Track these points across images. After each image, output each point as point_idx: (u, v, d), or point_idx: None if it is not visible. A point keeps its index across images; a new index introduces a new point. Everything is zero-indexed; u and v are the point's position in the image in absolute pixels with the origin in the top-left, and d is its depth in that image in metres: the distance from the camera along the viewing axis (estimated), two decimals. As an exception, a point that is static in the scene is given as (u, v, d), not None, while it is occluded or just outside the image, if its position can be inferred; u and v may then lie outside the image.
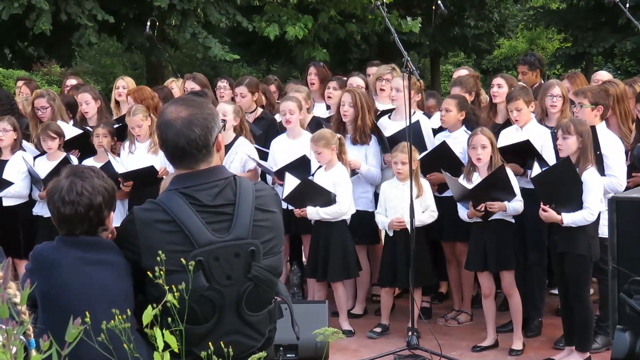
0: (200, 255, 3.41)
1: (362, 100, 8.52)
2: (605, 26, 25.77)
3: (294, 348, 4.80)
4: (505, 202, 7.46)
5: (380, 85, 9.31)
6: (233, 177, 3.63)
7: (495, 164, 7.58)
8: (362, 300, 8.90)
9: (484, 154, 7.55)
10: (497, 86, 8.62)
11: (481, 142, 7.55)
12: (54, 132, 8.84)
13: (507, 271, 7.67)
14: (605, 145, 7.38)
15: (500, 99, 8.57)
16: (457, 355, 7.54)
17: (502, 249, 7.57)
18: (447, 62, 39.18)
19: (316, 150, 8.11)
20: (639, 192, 4.95)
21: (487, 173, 7.58)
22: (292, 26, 18.41)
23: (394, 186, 8.09)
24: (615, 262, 4.49)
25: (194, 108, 3.61)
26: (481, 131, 7.63)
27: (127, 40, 19.62)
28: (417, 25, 19.00)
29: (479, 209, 7.48)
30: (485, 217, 7.54)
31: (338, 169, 8.14)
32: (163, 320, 2.90)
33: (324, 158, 8.11)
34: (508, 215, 7.57)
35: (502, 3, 30.94)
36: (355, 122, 8.52)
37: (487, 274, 7.75)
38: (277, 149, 8.74)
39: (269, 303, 3.66)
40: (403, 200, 7.88)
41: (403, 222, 7.90)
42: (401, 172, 7.95)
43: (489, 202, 7.44)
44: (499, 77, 8.77)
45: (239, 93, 9.64)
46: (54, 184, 3.70)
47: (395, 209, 8.01)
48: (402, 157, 7.88)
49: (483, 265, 7.67)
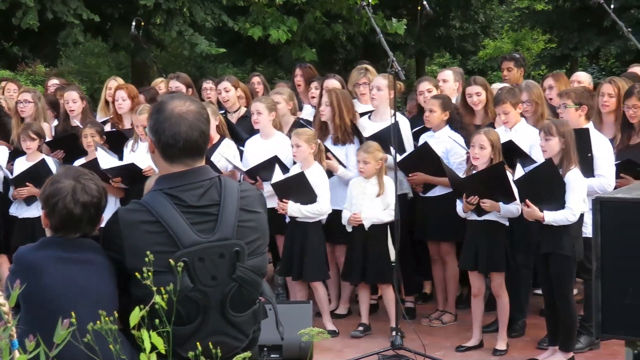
0: (185, 255, 3.40)
1: (339, 99, 8.52)
2: (590, 28, 25.83)
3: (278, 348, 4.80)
4: (500, 202, 7.48)
5: (359, 90, 9.31)
6: (218, 178, 3.63)
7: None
8: (346, 301, 8.91)
9: (482, 154, 7.54)
10: (476, 95, 8.63)
11: (480, 142, 7.54)
12: (35, 133, 8.83)
13: (497, 272, 7.69)
14: (594, 145, 7.41)
15: (481, 106, 8.61)
16: (441, 355, 7.55)
17: (493, 250, 7.59)
18: (432, 63, 39.21)
19: (296, 143, 8.12)
20: (623, 192, 4.97)
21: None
22: (275, 29, 18.41)
23: (358, 183, 8.16)
24: (599, 263, 4.51)
25: (197, 103, 3.65)
26: (485, 132, 7.63)
27: (112, 40, 19.58)
28: (403, 26, 19.01)
29: (470, 201, 7.50)
30: (479, 214, 7.56)
31: (316, 169, 8.16)
32: (149, 321, 2.90)
33: (302, 153, 8.12)
34: (502, 217, 7.58)
35: (487, 4, 30.98)
36: (335, 122, 8.54)
37: (477, 273, 7.77)
38: (250, 148, 8.77)
39: (253, 303, 3.66)
40: (364, 197, 8.02)
41: (359, 218, 7.95)
42: (363, 171, 8.03)
43: (483, 198, 7.47)
44: (474, 84, 8.72)
45: (223, 88, 9.70)
46: (55, 185, 3.66)
47: (356, 205, 8.07)
48: (364, 156, 8.01)
49: (474, 264, 7.69)
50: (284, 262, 8.39)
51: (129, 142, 8.95)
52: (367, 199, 8.02)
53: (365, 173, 8.06)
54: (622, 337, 4.61)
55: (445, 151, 8.25)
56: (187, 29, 18.22)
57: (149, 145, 3.67)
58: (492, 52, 38.56)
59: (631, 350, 4.49)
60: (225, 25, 19.40)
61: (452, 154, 8.23)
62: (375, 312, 8.78)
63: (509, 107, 8.00)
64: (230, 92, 9.69)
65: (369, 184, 8.05)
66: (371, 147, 8.04)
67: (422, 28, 24.07)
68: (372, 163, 8.00)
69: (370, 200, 8.00)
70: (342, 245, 8.60)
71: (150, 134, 3.62)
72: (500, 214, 7.53)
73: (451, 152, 8.23)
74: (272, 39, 18.48)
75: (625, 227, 4.50)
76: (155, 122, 3.59)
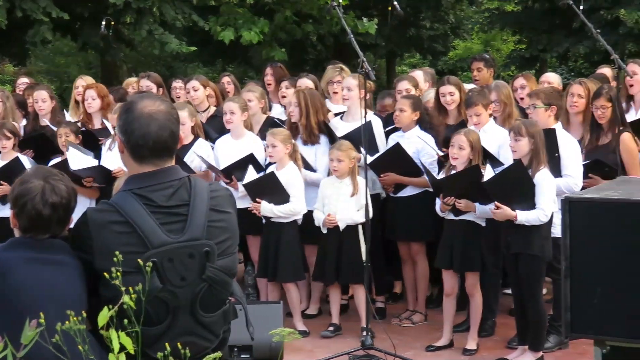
0: (154, 256, 3.38)
1: (306, 99, 8.52)
2: (559, 29, 25.96)
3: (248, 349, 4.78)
4: (476, 203, 7.49)
5: (332, 88, 9.33)
6: (188, 178, 3.62)
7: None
8: (317, 301, 8.91)
9: (460, 154, 7.54)
10: (449, 95, 8.63)
11: (459, 143, 7.55)
12: (9, 132, 8.78)
13: (471, 272, 7.71)
14: (561, 145, 7.45)
15: (454, 105, 8.62)
16: (411, 355, 7.56)
17: (468, 250, 7.61)
18: (403, 64, 39.27)
19: (272, 144, 8.11)
20: (592, 192, 4.99)
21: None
22: (247, 31, 18.38)
23: (331, 183, 8.14)
24: (568, 263, 4.53)
25: (167, 102, 3.65)
26: (465, 132, 7.63)
27: (81, 39, 19.47)
28: (373, 26, 19.04)
29: (446, 202, 7.52)
30: (456, 214, 7.58)
31: (290, 169, 8.15)
32: (117, 321, 2.89)
33: (278, 153, 8.11)
34: (479, 218, 7.60)
35: (457, 5, 31.04)
36: (302, 122, 8.54)
37: (451, 273, 7.79)
38: (220, 148, 8.76)
39: (223, 304, 3.65)
40: (338, 197, 8.02)
41: (334, 219, 7.94)
42: (337, 170, 8.02)
43: (460, 199, 7.49)
44: (448, 84, 8.73)
45: (192, 87, 9.69)
46: (25, 185, 3.63)
47: (330, 206, 8.06)
48: (337, 154, 7.98)
49: (449, 263, 7.70)
50: (261, 263, 8.37)
51: (106, 141, 8.90)
52: (342, 200, 8.01)
53: (338, 172, 8.04)
54: (590, 336, 4.62)
55: (416, 151, 8.26)
56: (157, 28, 18.15)
57: (118, 145, 3.65)
58: (462, 53, 38.68)
59: (600, 349, 4.51)
60: (195, 25, 19.34)
61: (422, 154, 8.23)
62: (345, 312, 8.78)
63: (481, 109, 8.04)
64: (198, 92, 9.68)
65: (343, 184, 8.04)
66: (344, 146, 8.03)
67: (392, 28, 24.12)
68: (346, 161, 7.98)
69: (344, 201, 7.99)
70: (312, 246, 8.60)
71: (119, 134, 3.60)
72: (476, 215, 7.56)
73: (422, 152, 8.24)
74: (244, 40, 18.46)
75: (594, 227, 4.52)
76: (125, 122, 3.57)
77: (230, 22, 18.68)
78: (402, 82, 9.26)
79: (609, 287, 4.43)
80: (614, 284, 4.42)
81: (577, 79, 9.02)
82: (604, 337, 4.50)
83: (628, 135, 7.92)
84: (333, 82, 9.31)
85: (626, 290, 4.38)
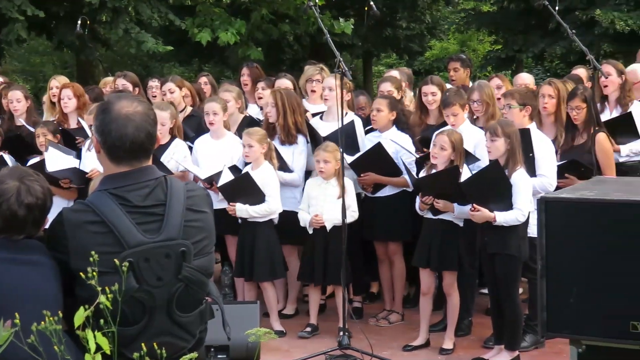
0: (130, 256, 3.37)
1: (284, 100, 8.51)
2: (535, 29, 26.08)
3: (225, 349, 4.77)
4: (454, 204, 7.51)
5: (311, 86, 9.32)
6: (164, 178, 3.61)
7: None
8: (293, 301, 8.90)
9: (441, 154, 7.53)
10: (431, 95, 8.63)
11: (441, 143, 7.55)
12: None
13: (448, 271, 7.73)
14: (536, 145, 7.48)
15: (435, 105, 8.62)
16: (388, 354, 7.57)
17: (446, 249, 7.62)
18: (379, 63, 39.33)
19: (249, 143, 8.10)
20: (568, 192, 5.00)
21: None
22: (224, 31, 18.36)
23: (317, 184, 8.13)
24: (544, 262, 4.54)
25: (145, 103, 3.64)
26: (448, 133, 7.63)
27: (57, 38, 19.38)
28: (350, 26, 19.06)
29: (424, 201, 7.54)
30: (434, 213, 7.60)
31: (266, 168, 8.14)
32: (94, 322, 2.88)
33: (254, 153, 8.10)
34: (457, 218, 7.62)
35: (433, 5, 31.12)
36: (279, 122, 8.53)
37: (428, 271, 7.80)
38: (200, 148, 8.74)
39: (199, 304, 3.64)
40: (325, 198, 7.99)
41: (321, 220, 7.94)
42: (323, 171, 8.01)
43: (438, 199, 7.50)
44: (431, 84, 8.74)
45: (168, 89, 9.67)
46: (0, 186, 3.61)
47: (317, 207, 8.05)
48: (324, 155, 7.95)
49: (426, 262, 7.72)
50: (237, 263, 8.36)
51: (86, 141, 8.87)
52: (328, 201, 7.98)
53: (325, 173, 8.01)
54: (566, 335, 4.64)
55: (395, 151, 8.27)
56: (134, 27, 18.10)
57: (94, 145, 3.64)
58: (438, 53, 38.82)
59: (575, 348, 4.53)
60: (172, 25, 19.30)
61: (402, 154, 8.24)
62: (323, 312, 8.78)
63: (458, 109, 8.05)
64: (174, 93, 9.65)
65: (330, 185, 8.01)
66: (330, 147, 7.98)
67: (369, 28, 24.16)
68: (333, 162, 7.95)
69: (331, 201, 7.96)
70: (289, 246, 8.60)
71: (96, 134, 3.59)
72: (454, 215, 7.57)
73: (401, 152, 8.25)
74: (221, 41, 18.45)
75: (569, 226, 4.54)
76: (102, 123, 3.56)
77: (207, 23, 18.66)
78: (385, 84, 9.23)
79: (585, 286, 4.45)
80: (589, 283, 4.44)
81: (546, 79, 9.09)
82: (580, 336, 4.52)
83: (603, 136, 7.97)
84: (312, 80, 9.30)
85: (601, 289, 4.40)
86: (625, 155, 8.43)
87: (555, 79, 8.76)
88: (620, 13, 23.65)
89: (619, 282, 4.35)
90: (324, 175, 8.04)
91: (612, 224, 4.39)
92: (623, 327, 4.35)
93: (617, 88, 8.72)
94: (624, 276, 4.35)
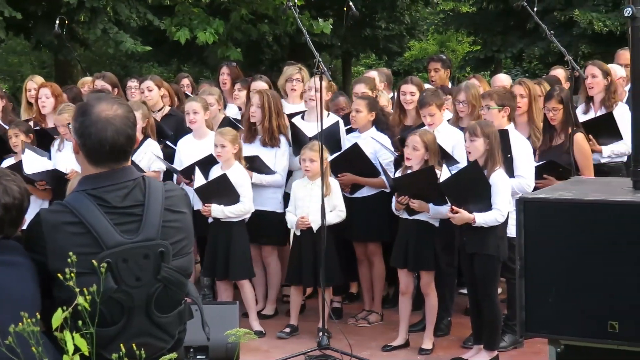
0: (109, 257, 3.35)
1: (270, 101, 8.50)
2: (514, 30, 26.18)
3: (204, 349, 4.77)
4: (430, 204, 7.52)
5: (291, 86, 9.31)
6: (142, 178, 3.59)
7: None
8: (273, 301, 8.89)
9: (414, 155, 7.54)
10: (410, 94, 8.65)
11: (413, 143, 7.56)
12: None
13: (425, 271, 7.74)
14: (514, 146, 7.51)
15: (413, 106, 8.63)
16: (367, 355, 7.58)
17: (422, 249, 7.63)
18: (358, 64, 39.38)
19: (222, 144, 8.08)
20: (546, 192, 5.02)
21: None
22: (202, 31, 18.34)
23: (303, 185, 8.12)
24: (522, 262, 4.56)
25: (125, 105, 3.61)
26: (420, 133, 7.63)
27: (35, 38, 19.30)
28: (329, 26, 19.07)
29: (400, 201, 7.54)
30: (410, 213, 7.61)
31: (238, 168, 8.14)
32: (72, 323, 2.86)
33: (226, 153, 8.09)
34: (433, 218, 7.62)
35: (413, 5, 31.20)
36: (264, 124, 8.51)
37: (406, 271, 7.80)
38: (183, 148, 8.73)
39: (178, 304, 3.63)
40: (311, 199, 7.97)
41: (307, 221, 7.94)
42: (309, 170, 7.99)
43: (413, 199, 7.51)
44: (410, 84, 8.76)
45: (146, 87, 9.67)
46: None
47: (303, 208, 8.04)
48: (310, 154, 7.94)
49: (403, 262, 7.73)
50: (208, 262, 8.33)
51: (55, 141, 8.84)
52: (314, 201, 7.94)
53: (310, 172, 8.00)
54: (545, 335, 4.66)
55: (374, 152, 8.27)
56: (112, 27, 18.05)
57: (73, 146, 3.61)
58: (417, 54, 38.91)
59: (554, 348, 4.55)
60: (150, 25, 19.26)
61: (380, 154, 8.25)
62: (302, 312, 8.77)
63: (435, 109, 8.07)
64: (153, 92, 9.64)
65: (315, 186, 7.97)
66: (316, 146, 7.90)
67: (348, 29, 24.16)
68: (318, 162, 7.93)
69: (317, 202, 7.93)
70: (268, 246, 8.59)
71: (75, 136, 3.56)
72: (429, 215, 7.59)
73: (379, 153, 8.25)
74: (199, 40, 18.43)
75: (548, 227, 4.56)
76: (81, 126, 3.53)
77: (185, 22, 18.63)
78: (359, 85, 9.23)
79: (563, 286, 4.47)
80: (568, 283, 4.46)
81: (517, 79, 9.13)
82: (559, 336, 4.54)
83: (581, 136, 8.01)
84: (292, 80, 9.29)
85: (580, 289, 4.42)
86: (607, 156, 8.46)
87: (526, 79, 8.81)
88: (598, 14, 23.78)
89: (597, 282, 4.38)
90: (309, 174, 8.03)
91: (590, 224, 4.41)
92: (601, 326, 4.37)
93: (603, 89, 8.72)
94: (602, 276, 4.37)
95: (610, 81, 8.71)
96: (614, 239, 4.35)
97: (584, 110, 8.81)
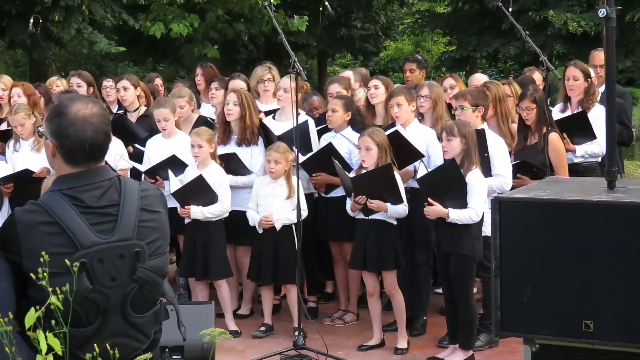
0: (84, 257, 3.34)
1: (247, 99, 8.49)
2: (489, 30, 26.28)
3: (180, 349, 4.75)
4: (387, 203, 7.53)
5: (264, 87, 9.31)
6: (117, 177, 3.58)
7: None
8: (248, 301, 8.88)
9: (368, 156, 7.57)
10: (374, 88, 8.68)
11: (365, 144, 7.58)
12: None
13: (388, 271, 7.74)
14: (490, 146, 7.53)
15: (378, 100, 8.64)
16: (343, 354, 7.58)
17: (382, 249, 7.63)
18: (334, 64, 39.40)
19: (198, 144, 8.06)
20: (521, 192, 5.05)
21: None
22: (177, 24, 18.31)
23: (266, 184, 8.12)
24: (498, 262, 4.57)
25: (98, 103, 3.61)
26: (369, 132, 7.65)
27: (9, 37, 19.20)
28: (304, 23, 19.07)
29: (357, 201, 7.54)
30: (366, 213, 7.61)
31: (215, 168, 8.12)
32: (46, 323, 2.85)
33: (203, 153, 8.08)
34: (390, 217, 7.63)
35: (388, 6, 31.25)
36: (241, 122, 8.49)
37: (368, 272, 7.81)
38: (152, 148, 8.73)
39: (154, 304, 3.62)
40: (273, 199, 7.99)
41: (271, 220, 7.93)
42: (273, 171, 8.00)
43: (371, 199, 7.51)
44: (375, 78, 8.81)
45: (122, 87, 9.66)
46: None
47: (265, 207, 8.04)
48: (275, 156, 7.95)
49: (362, 264, 7.73)
50: (186, 262, 8.31)
51: (9, 142, 8.80)
52: (277, 200, 7.97)
53: (275, 174, 8.00)
54: (520, 334, 4.68)
55: (349, 152, 8.28)
56: (87, 26, 17.99)
57: (49, 149, 3.57)
58: (393, 54, 38.98)
59: (529, 347, 4.57)
60: (126, 24, 19.21)
61: (355, 154, 8.25)
62: (277, 312, 8.77)
63: (403, 100, 8.06)
64: (129, 91, 9.63)
65: (278, 185, 8.00)
66: (281, 147, 7.98)
67: (324, 28, 24.18)
68: (283, 164, 7.95)
69: (280, 201, 7.95)
70: (244, 247, 8.58)
71: (52, 139, 3.52)
72: (387, 215, 7.59)
73: (354, 153, 8.26)
74: (174, 32, 18.38)
75: (523, 226, 4.58)
76: (58, 127, 3.50)
77: (160, 17, 18.59)
78: (333, 85, 9.23)
79: (538, 286, 4.49)
80: (543, 282, 4.48)
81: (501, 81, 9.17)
82: (534, 335, 4.56)
83: (555, 136, 8.04)
84: (264, 81, 9.29)
85: (555, 289, 4.45)
86: (580, 156, 8.49)
87: (492, 81, 8.90)
88: (573, 14, 23.92)
89: (572, 281, 4.40)
90: (273, 176, 8.04)
91: (565, 224, 4.43)
92: (576, 326, 4.40)
93: (582, 92, 8.74)
94: (577, 275, 4.39)
95: (590, 83, 8.73)
96: (589, 238, 4.38)
97: (561, 109, 8.84)
